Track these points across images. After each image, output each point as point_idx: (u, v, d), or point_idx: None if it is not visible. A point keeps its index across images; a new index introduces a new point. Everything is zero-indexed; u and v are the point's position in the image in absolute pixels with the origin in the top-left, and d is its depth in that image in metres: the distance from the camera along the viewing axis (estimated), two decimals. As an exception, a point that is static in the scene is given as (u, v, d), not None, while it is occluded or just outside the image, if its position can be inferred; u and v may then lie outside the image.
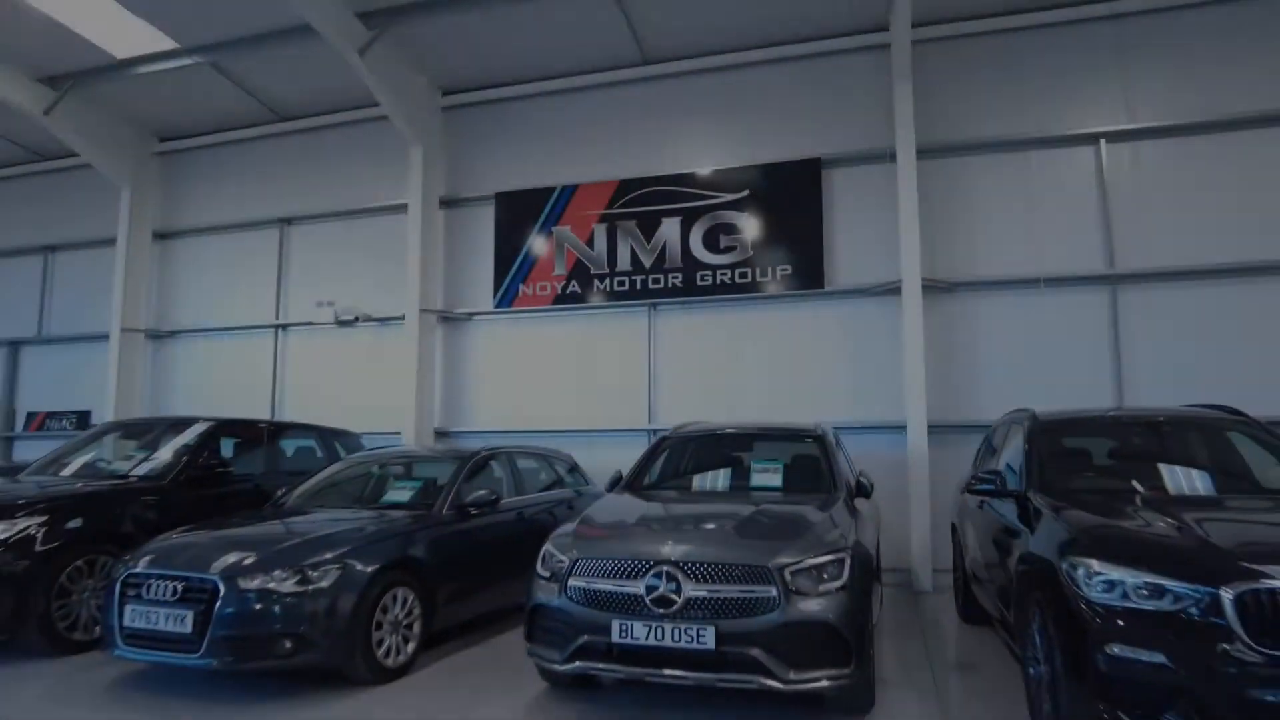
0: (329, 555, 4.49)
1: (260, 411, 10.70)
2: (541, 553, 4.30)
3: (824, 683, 3.68)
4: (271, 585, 4.28)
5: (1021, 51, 8.40)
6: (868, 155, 8.70)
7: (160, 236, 11.88)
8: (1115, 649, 3.11)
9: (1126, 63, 8.10)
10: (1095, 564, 3.32)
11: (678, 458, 5.92)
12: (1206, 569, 3.06)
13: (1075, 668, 3.27)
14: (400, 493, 5.72)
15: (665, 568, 3.79)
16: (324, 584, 4.36)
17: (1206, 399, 6.67)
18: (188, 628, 4.26)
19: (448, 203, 10.27)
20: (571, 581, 3.96)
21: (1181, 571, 3.09)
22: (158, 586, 4.41)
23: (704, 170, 9.27)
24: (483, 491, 5.78)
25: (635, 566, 3.85)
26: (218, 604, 4.23)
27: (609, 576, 3.89)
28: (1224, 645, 2.90)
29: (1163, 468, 4.61)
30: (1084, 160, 8.15)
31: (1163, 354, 7.78)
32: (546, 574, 4.14)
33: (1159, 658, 3.00)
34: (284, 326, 10.95)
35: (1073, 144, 8.18)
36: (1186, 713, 2.94)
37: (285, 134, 11.22)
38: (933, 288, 8.25)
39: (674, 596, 3.72)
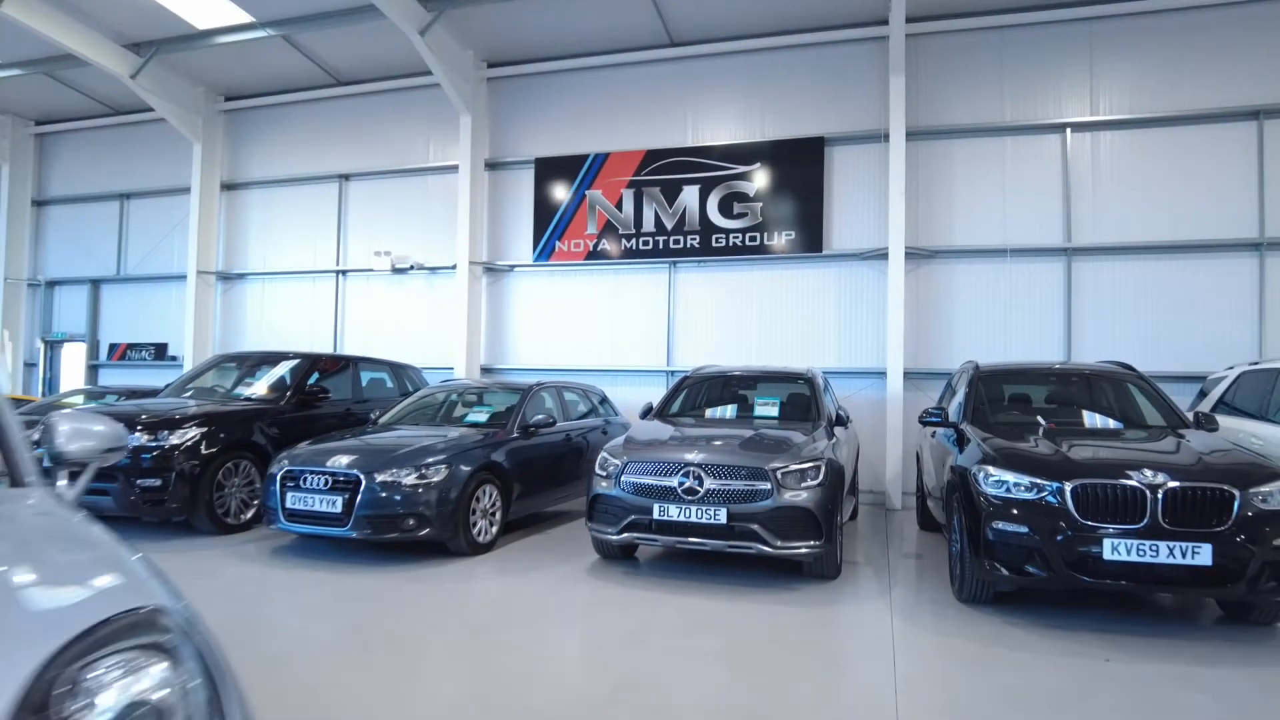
0: (437, 458, 6.02)
1: (322, 348, 12.19)
2: (598, 459, 5.82)
3: (803, 550, 5.23)
4: (399, 479, 5.82)
5: (1003, 48, 9.56)
6: (864, 135, 9.93)
7: (227, 187, 13.17)
8: (998, 524, 4.63)
9: (1093, 62, 9.27)
10: (991, 469, 4.82)
11: (696, 393, 7.39)
12: (1057, 471, 4.55)
13: (974, 540, 4.80)
14: (479, 415, 7.24)
15: (692, 468, 5.31)
16: (436, 479, 5.89)
17: (1142, 357, 8.20)
18: (338, 509, 5.81)
19: (492, 165, 11.55)
20: (624, 478, 5.50)
21: (1043, 473, 4.59)
22: (312, 479, 5.95)
23: (721, 143, 10.52)
24: (541, 415, 7.30)
25: (670, 467, 5.38)
26: (360, 492, 5.77)
27: (651, 475, 5.42)
28: (1062, 521, 4.41)
29: (1067, 408, 6.12)
30: (1051, 146, 9.40)
31: (1107, 316, 9.18)
32: (604, 473, 5.66)
33: (1024, 529, 4.53)
34: (344, 272, 12.36)
35: (1042, 132, 9.42)
36: (1038, 564, 4.48)
37: (343, 97, 12.41)
38: (915, 254, 9.60)
39: (698, 488, 5.25)
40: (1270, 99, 8.67)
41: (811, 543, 5.23)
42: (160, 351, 13.52)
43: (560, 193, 11.14)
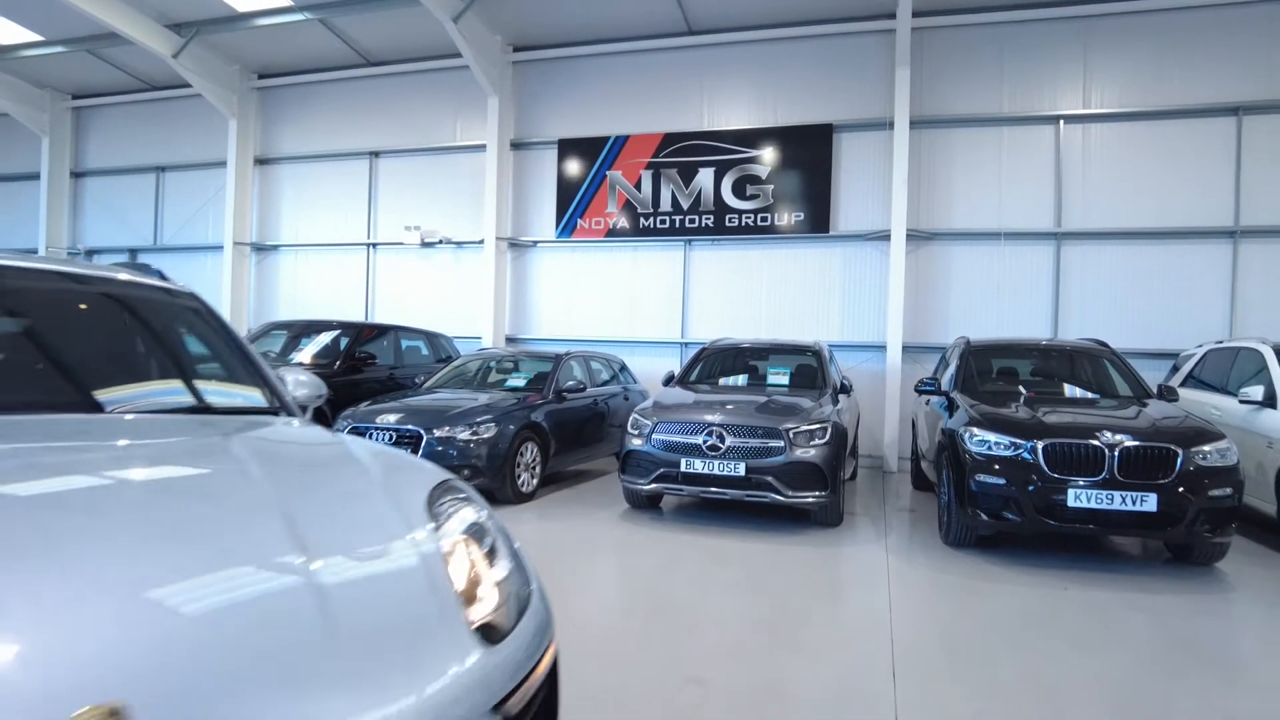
0: (488, 417, 6.78)
1: (354, 317, 12.88)
2: (630, 420, 6.58)
3: (810, 500, 6.01)
4: (455, 435, 6.58)
5: (1003, 43, 10.15)
6: (870, 123, 10.56)
7: (260, 162, 13.78)
8: (980, 478, 5.40)
9: (1087, 58, 9.88)
10: (976, 430, 5.58)
11: (713, 363, 8.13)
12: (1032, 432, 5.31)
13: (959, 491, 5.57)
14: (518, 380, 8.00)
15: (714, 428, 6.08)
16: (487, 435, 6.66)
17: (1124, 335, 8.99)
18: (400, 460, 6.57)
19: (517, 145, 12.17)
20: (654, 436, 6.27)
21: (1019, 434, 5.35)
22: (378, 436, 6.71)
23: (735, 128, 11.15)
24: (572, 381, 8.04)
25: (695, 427, 6.14)
26: (421, 446, 6.54)
27: (679, 434, 6.18)
28: (1034, 474, 5.18)
29: (1048, 380, 6.87)
30: (1045, 137, 10.04)
31: (1092, 296, 9.90)
32: (636, 432, 6.42)
33: (1001, 481, 5.29)
34: (374, 245, 13.03)
35: (1037, 123, 10.06)
36: (1013, 510, 5.25)
37: (372, 77, 12.97)
38: (915, 235, 10.29)
39: (720, 445, 6.02)
40: (1249, 96, 9.31)
41: (818, 493, 6.01)
42: (196, 318, 14.19)
43: (582, 172, 11.78)
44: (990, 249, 10.21)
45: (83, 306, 2.42)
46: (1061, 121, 9.96)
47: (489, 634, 1.40)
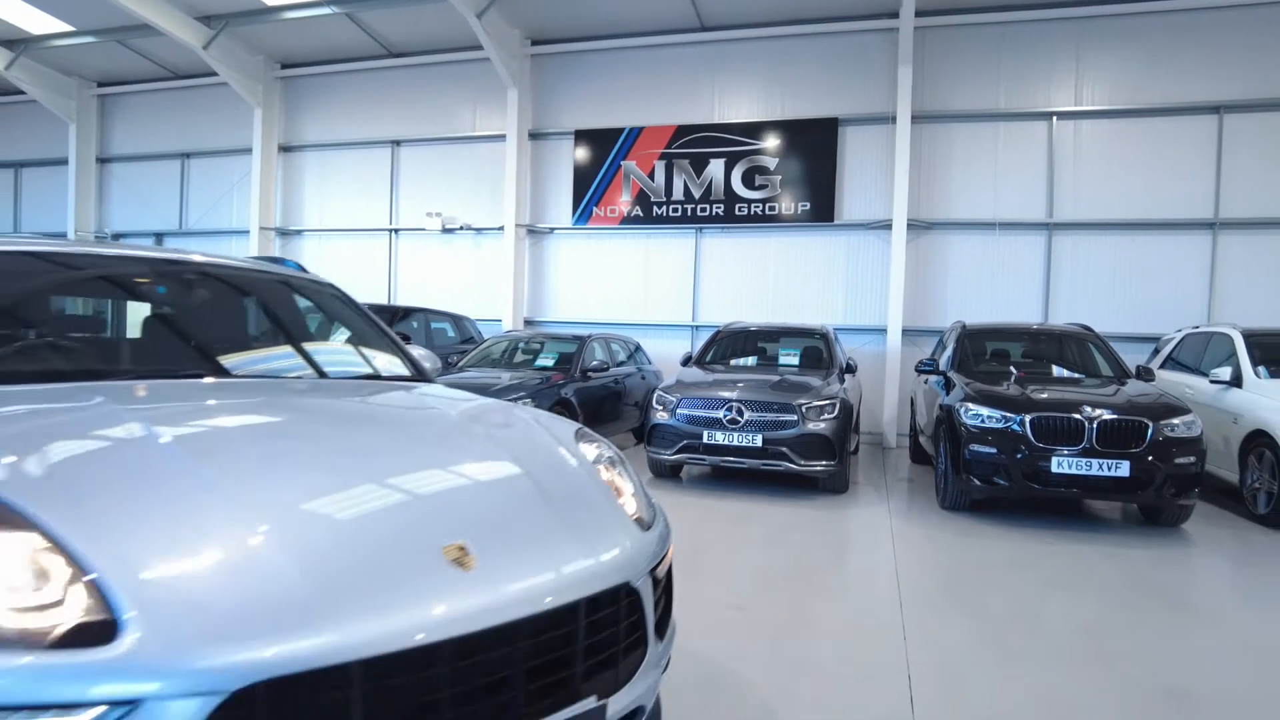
0: (523, 394, 7.37)
1: (377, 300, 13.43)
2: (655, 396, 7.20)
3: (820, 469, 6.65)
4: (495, 409, 7.18)
5: (1001, 42, 10.70)
6: (874, 117, 11.11)
7: (284, 149, 14.27)
8: (973, 447, 6.04)
9: (1079, 57, 10.44)
10: (971, 405, 6.21)
11: (728, 344, 8.74)
12: (1021, 407, 5.95)
13: (955, 460, 6.21)
14: (548, 359, 8.60)
15: (734, 403, 6.70)
16: (524, 410, 7.26)
17: (1110, 320, 9.63)
18: (444, 432, 7.18)
19: (535, 135, 12.68)
20: (679, 411, 6.89)
21: (1010, 409, 5.98)
22: (421, 408, 7.31)
23: (745, 121, 11.69)
24: (596, 361, 8.65)
25: (716, 403, 6.77)
26: (463, 418, 7.14)
27: (701, 408, 6.81)
28: (1022, 444, 5.82)
29: (1038, 361, 7.51)
30: (1039, 132, 10.62)
31: (1080, 284, 10.53)
32: (661, 407, 7.04)
33: (992, 450, 5.93)
34: (396, 231, 13.56)
35: (1032, 119, 10.63)
36: (1003, 476, 5.90)
37: (393, 68, 13.44)
38: (915, 225, 10.88)
39: (739, 419, 6.65)
40: (1230, 95, 9.91)
41: (827, 462, 6.65)
42: (221, 300, 14.71)
43: (597, 162, 12.32)
44: (986, 238, 10.81)
45: (273, 295, 3.06)
46: (1054, 118, 10.53)
47: (639, 523, 2.01)
